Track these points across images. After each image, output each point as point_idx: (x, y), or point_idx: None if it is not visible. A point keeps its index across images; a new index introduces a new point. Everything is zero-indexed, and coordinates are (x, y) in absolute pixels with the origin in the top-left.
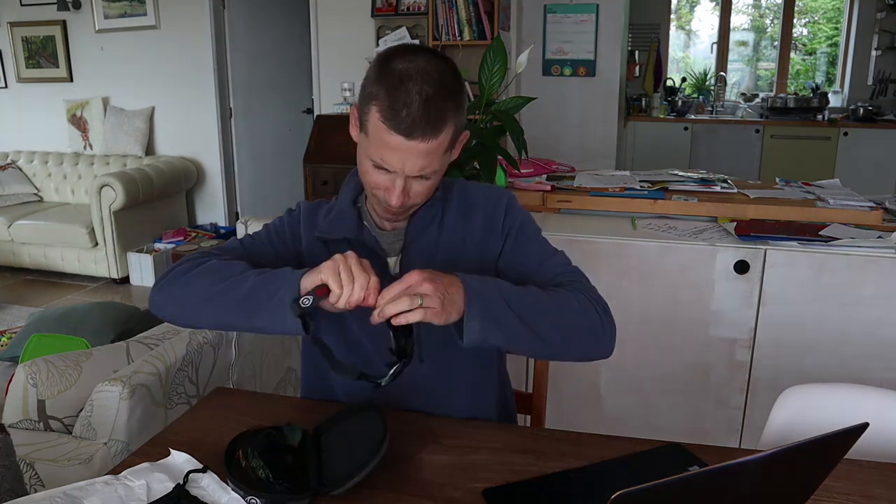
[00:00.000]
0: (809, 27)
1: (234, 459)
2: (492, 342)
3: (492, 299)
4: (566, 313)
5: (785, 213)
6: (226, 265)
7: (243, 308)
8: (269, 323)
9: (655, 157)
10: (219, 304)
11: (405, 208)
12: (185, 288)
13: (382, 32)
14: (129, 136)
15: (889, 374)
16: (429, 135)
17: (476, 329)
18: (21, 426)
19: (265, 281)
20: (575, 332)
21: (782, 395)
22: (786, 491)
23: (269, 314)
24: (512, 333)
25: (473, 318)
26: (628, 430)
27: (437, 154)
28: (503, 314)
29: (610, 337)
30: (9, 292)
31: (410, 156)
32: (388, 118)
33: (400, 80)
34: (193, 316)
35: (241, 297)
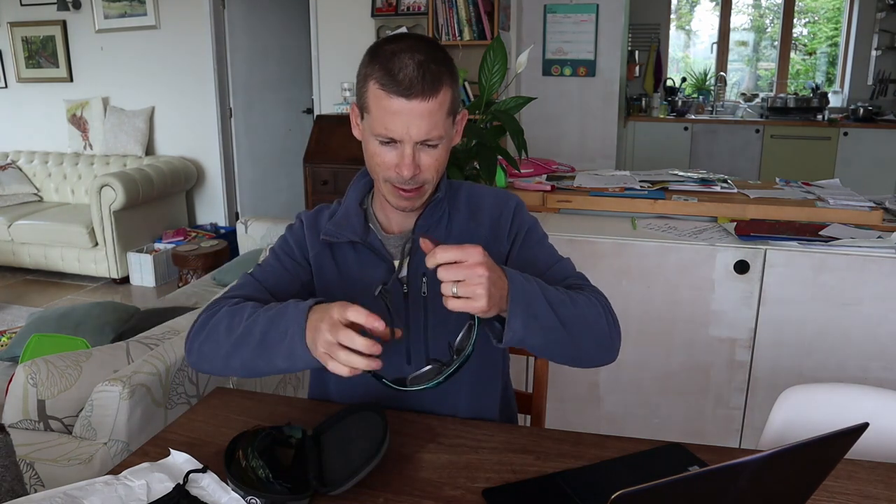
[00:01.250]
0: (809, 27)
1: (234, 459)
2: (530, 342)
3: (535, 297)
4: (592, 317)
5: (785, 213)
6: (237, 311)
7: (261, 354)
8: (289, 363)
9: (655, 157)
10: (242, 353)
11: (418, 185)
12: (208, 344)
13: (382, 32)
14: (129, 136)
15: (889, 374)
16: (428, 92)
17: (519, 327)
18: (21, 426)
19: (272, 321)
20: (597, 337)
21: (782, 395)
22: (786, 491)
23: (286, 354)
24: (551, 336)
25: (517, 315)
26: (628, 430)
27: (439, 116)
28: (545, 314)
29: (619, 344)
30: (9, 292)
31: (414, 118)
32: (385, 84)
33: (392, 54)
34: (228, 369)
35: (257, 344)
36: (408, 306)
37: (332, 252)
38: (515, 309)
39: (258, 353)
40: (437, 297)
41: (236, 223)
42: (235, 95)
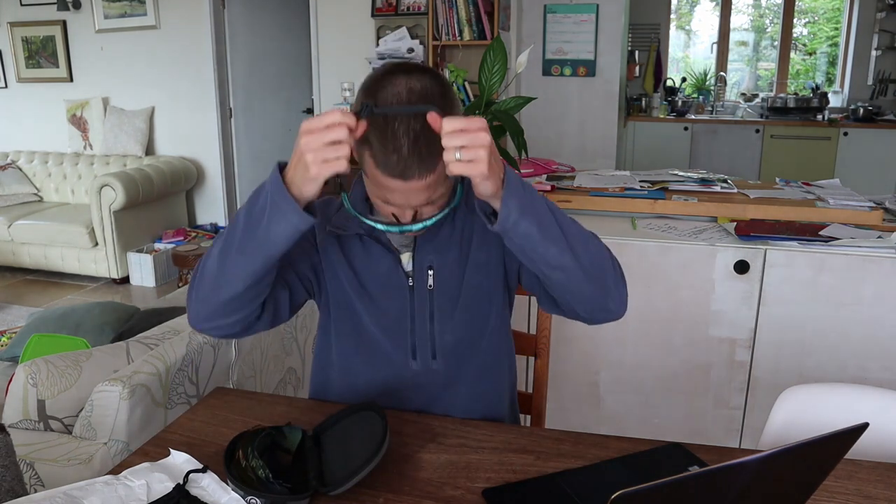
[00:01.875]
0: (809, 27)
1: (234, 459)
2: (524, 228)
3: (531, 192)
4: (595, 246)
5: (785, 213)
6: (220, 233)
7: (250, 236)
8: (278, 229)
9: (655, 157)
10: (232, 257)
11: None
12: (203, 279)
13: (382, 32)
14: (129, 136)
15: (888, 374)
16: (424, 172)
17: (514, 207)
18: (21, 426)
19: (250, 201)
20: (600, 264)
21: (782, 395)
22: (786, 491)
23: (276, 216)
24: (547, 233)
25: (512, 195)
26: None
27: (439, 182)
28: (542, 209)
29: (624, 295)
30: (9, 292)
31: (412, 193)
32: (381, 164)
33: (385, 122)
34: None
35: (243, 230)
36: (413, 299)
37: (339, 242)
38: (510, 191)
39: (248, 238)
40: (442, 290)
41: None
42: (235, 95)
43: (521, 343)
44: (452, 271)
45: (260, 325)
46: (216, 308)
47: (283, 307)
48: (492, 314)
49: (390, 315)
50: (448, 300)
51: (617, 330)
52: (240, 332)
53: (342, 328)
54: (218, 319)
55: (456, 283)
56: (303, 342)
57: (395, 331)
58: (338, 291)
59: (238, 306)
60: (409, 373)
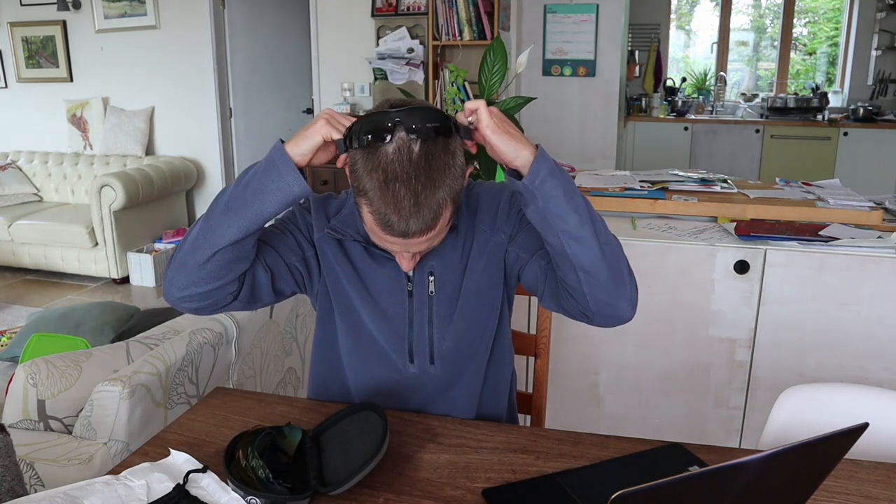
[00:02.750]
0: (809, 27)
1: (234, 459)
2: (550, 188)
3: (561, 170)
4: (613, 239)
5: (785, 213)
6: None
7: (239, 195)
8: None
9: (655, 157)
10: (216, 216)
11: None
12: (183, 245)
13: (382, 32)
14: (129, 136)
15: (888, 374)
16: (426, 229)
17: (544, 167)
18: (21, 426)
19: (242, 173)
20: (617, 252)
21: (782, 395)
22: (786, 491)
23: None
24: (572, 198)
25: (545, 159)
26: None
27: (439, 231)
28: (567, 179)
29: (635, 294)
30: (9, 292)
31: (412, 245)
32: (381, 223)
33: (386, 182)
34: (207, 248)
35: (231, 192)
36: (412, 305)
37: (340, 242)
38: (543, 155)
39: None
40: (442, 295)
41: None
42: (235, 95)
43: (521, 343)
44: (452, 276)
45: (236, 305)
46: (193, 272)
47: (264, 290)
48: (491, 319)
49: (389, 318)
50: (448, 306)
51: (617, 330)
52: (211, 304)
53: (342, 326)
54: (193, 287)
55: (456, 288)
56: (303, 342)
57: (393, 334)
58: (338, 290)
59: (215, 270)
60: (406, 376)
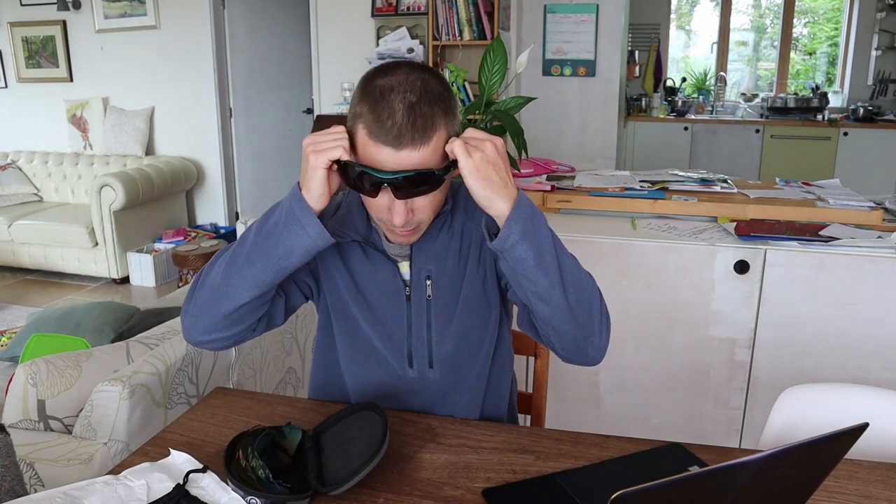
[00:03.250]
0: (809, 27)
1: (234, 459)
2: (521, 252)
3: (540, 220)
4: (589, 288)
5: (785, 213)
6: (222, 249)
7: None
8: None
9: (655, 157)
10: (237, 267)
11: (413, 227)
12: (201, 291)
13: (382, 32)
14: (129, 136)
15: (889, 374)
16: (418, 141)
17: (516, 229)
18: (21, 426)
19: (263, 217)
20: (588, 307)
21: (782, 395)
22: (786, 491)
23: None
24: (543, 261)
25: (518, 218)
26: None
27: (432, 163)
28: (544, 238)
29: (604, 341)
30: (9, 292)
31: (403, 163)
32: (373, 132)
33: (381, 94)
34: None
35: (253, 242)
36: (410, 309)
37: (337, 246)
38: (519, 212)
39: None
40: (440, 299)
41: (236, 223)
42: (235, 95)
43: (521, 343)
44: (450, 280)
45: (253, 336)
46: (216, 320)
47: (278, 315)
48: (490, 322)
49: (386, 323)
50: (446, 309)
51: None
52: (233, 344)
53: (340, 332)
54: (216, 332)
55: (454, 292)
56: (303, 342)
57: (391, 339)
58: (335, 296)
59: (239, 318)
60: (406, 381)
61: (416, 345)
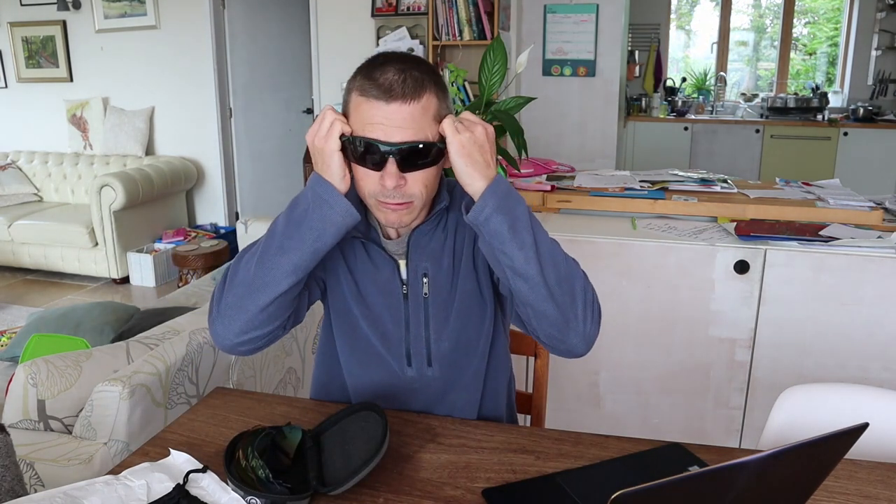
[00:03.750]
0: (809, 27)
1: (234, 459)
2: (495, 225)
3: (516, 198)
4: (570, 270)
5: (785, 213)
6: (243, 251)
7: (292, 238)
8: (324, 223)
9: (655, 157)
10: (271, 258)
11: (406, 200)
12: (231, 290)
13: (382, 32)
14: (129, 136)
15: (889, 374)
16: (409, 96)
17: (490, 203)
18: (21, 426)
19: (289, 211)
20: (570, 289)
21: (782, 395)
22: (786, 491)
23: (317, 217)
24: (517, 235)
25: (494, 193)
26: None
27: (423, 121)
28: (520, 213)
29: (589, 331)
30: (9, 292)
31: (394, 122)
32: (365, 89)
33: (374, 63)
34: (259, 299)
35: (283, 232)
36: (407, 307)
37: (338, 246)
38: (494, 188)
39: (287, 242)
40: (437, 297)
41: (236, 223)
42: (235, 95)
43: (521, 343)
44: (447, 278)
45: (283, 334)
46: (253, 316)
47: (302, 309)
48: (486, 318)
49: (385, 322)
50: (443, 307)
51: (617, 330)
52: (266, 344)
53: (339, 330)
54: (252, 331)
55: (450, 290)
56: (303, 342)
57: (390, 337)
58: (336, 294)
59: (274, 312)
60: (405, 379)
61: (414, 343)
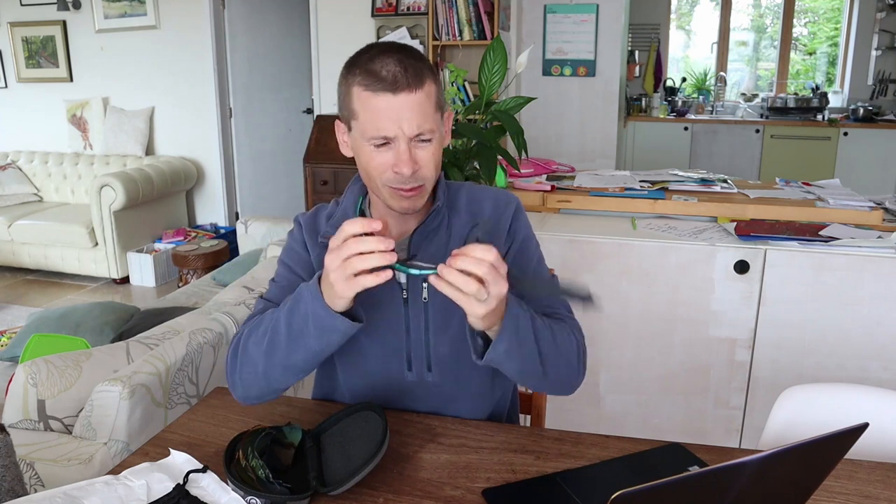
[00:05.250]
0: (809, 27)
1: (234, 459)
2: (505, 367)
3: (525, 327)
4: (567, 355)
5: (785, 213)
6: (256, 325)
7: (295, 346)
8: (323, 338)
9: (655, 157)
10: (278, 357)
11: (419, 184)
12: (245, 369)
13: (382, 32)
14: (129, 136)
15: (889, 374)
16: (413, 84)
17: (501, 351)
18: (21, 426)
19: (291, 312)
20: (565, 372)
21: (782, 395)
22: (786, 491)
23: (317, 331)
24: (526, 366)
25: (503, 340)
26: (628, 430)
27: (428, 108)
28: (528, 344)
29: (579, 381)
30: (9, 292)
31: (404, 111)
32: (370, 84)
33: (370, 57)
34: (273, 381)
35: (286, 339)
36: (408, 312)
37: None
38: (504, 334)
39: (292, 348)
40: (438, 301)
41: (236, 223)
42: (235, 95)
43: None
44: None
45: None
46: (270, 392)
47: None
48: None
49: (385, 327)
50: (443, 312)
51: (617, 330)
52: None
53: None
54: (269, 396)
55: None
56: None
57: (390, 342)
58: None
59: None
60: (405, 384)
61: (414, 347)
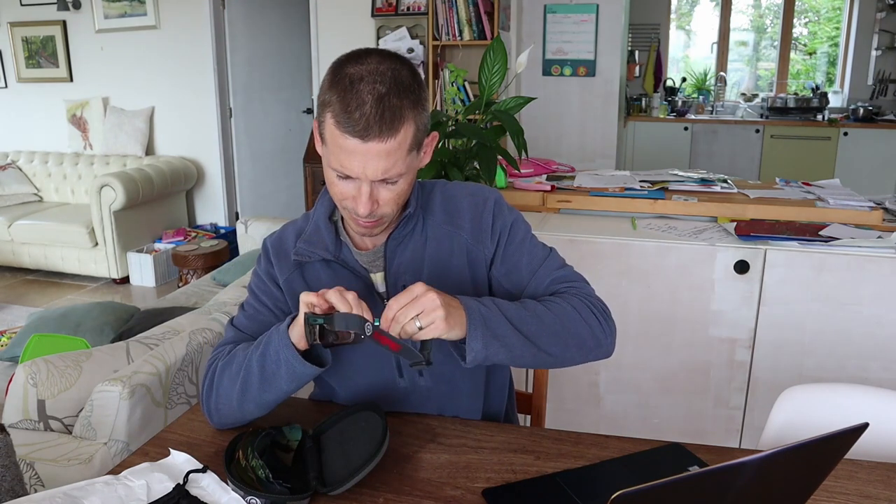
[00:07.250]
0: (809, 27)
1: (234, 459)
2: (495, 359)
3: (492, 317)
4: (566, 323)
5: (785, 213)
6: (230, 361)
7: (267, 387)
8: (294, 381)
9: (655, 157)
10: (251, 395)
11: (376, 218)
12: (221, 402)
13: (382, 32)
14: (129, 136)
15: (889, 374)
16: (385, 134)
17: (479, 348)
18: (21, 426)
19: (263, 355)
20: (575, 339)
21: (782, 395)
22: (786, 491)
23: (288, 375)
24: (516, 350)
25: (476, 337)
26: (628, 430)
27: (398, 155)
28: (505, 330)
29: (611, 339)
30: (9, 292)
31: (370, 159)
32: (341, 122)
33: (351, 83)
34: (248, 414)
35: (259, 380)
36: None
37: (302, 272)
38: (473, 331)
39: (264, 388)
40: None
41: (236, 223)
42: (235, 95)
43: None
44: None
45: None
46: (244, 421)
47: None
48: None
49: None
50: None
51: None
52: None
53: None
54: (244, 423)
55: None
56: None
57: (377, 351)
58: None
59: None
60: (398, 391)
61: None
